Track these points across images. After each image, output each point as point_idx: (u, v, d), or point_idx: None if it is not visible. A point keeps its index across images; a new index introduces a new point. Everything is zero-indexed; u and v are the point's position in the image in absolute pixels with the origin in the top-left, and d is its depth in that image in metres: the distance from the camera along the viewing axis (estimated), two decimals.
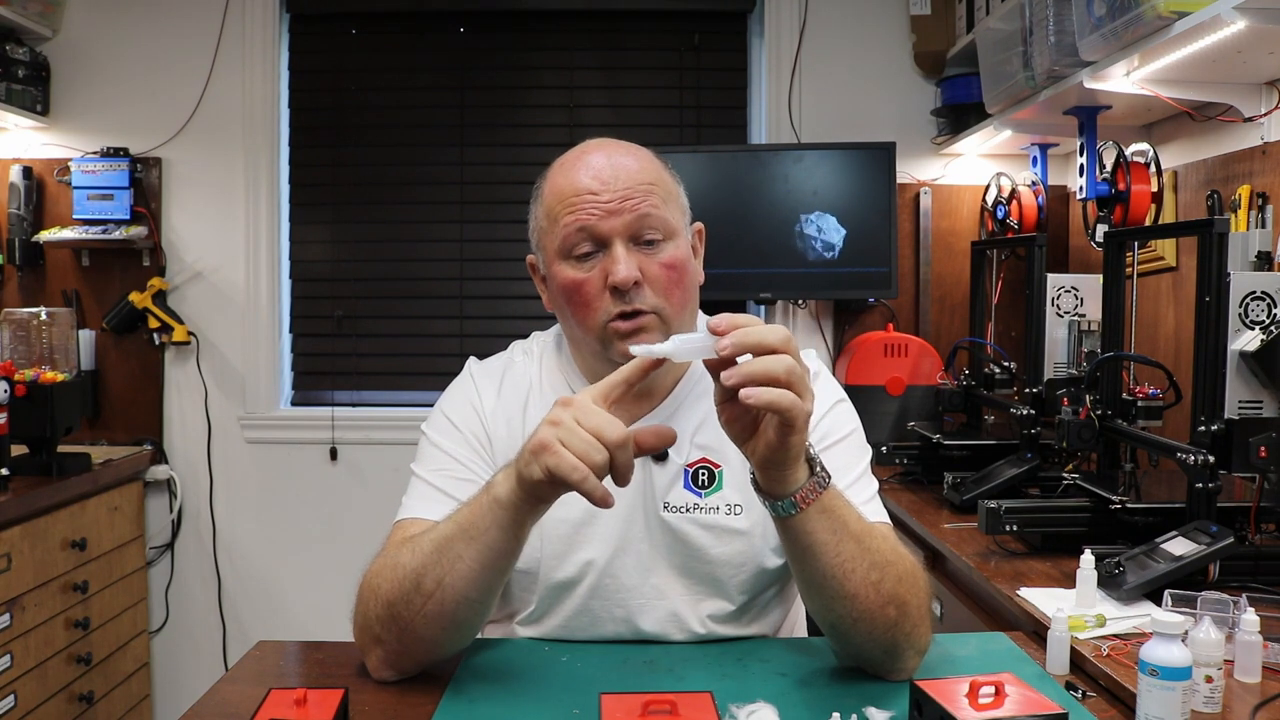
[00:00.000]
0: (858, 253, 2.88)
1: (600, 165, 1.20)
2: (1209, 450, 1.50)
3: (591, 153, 1.23)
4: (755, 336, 0.94)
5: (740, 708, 1.01)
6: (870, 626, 1.07)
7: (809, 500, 1.01)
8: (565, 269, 1.20)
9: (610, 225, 1.18)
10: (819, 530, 1.03)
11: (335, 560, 3.04)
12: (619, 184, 1.18)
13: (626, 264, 1.17)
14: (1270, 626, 1.21)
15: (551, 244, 1.21)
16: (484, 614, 1.13)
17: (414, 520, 1.20)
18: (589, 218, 1.18)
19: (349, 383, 3.15)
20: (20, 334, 2.68)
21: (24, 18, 2.86)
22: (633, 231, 1.18)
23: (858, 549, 1.05)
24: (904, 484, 2.41)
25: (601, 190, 1.18)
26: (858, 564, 1.05)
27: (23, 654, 2.31)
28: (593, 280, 1.19)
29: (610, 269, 1.17)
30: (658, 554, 1.24)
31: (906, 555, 1.12)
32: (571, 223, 1.18)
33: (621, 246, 1.18)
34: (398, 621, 1.09)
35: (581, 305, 1.20)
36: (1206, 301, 1.54)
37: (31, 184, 2.99)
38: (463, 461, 1.25)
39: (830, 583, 1.05)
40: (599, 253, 1.19)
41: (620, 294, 1.17)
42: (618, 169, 1.20)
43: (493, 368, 1.34)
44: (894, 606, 1.07)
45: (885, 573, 1.06)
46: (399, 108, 3.14)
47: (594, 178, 1.19)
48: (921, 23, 3.01)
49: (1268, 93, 1.97)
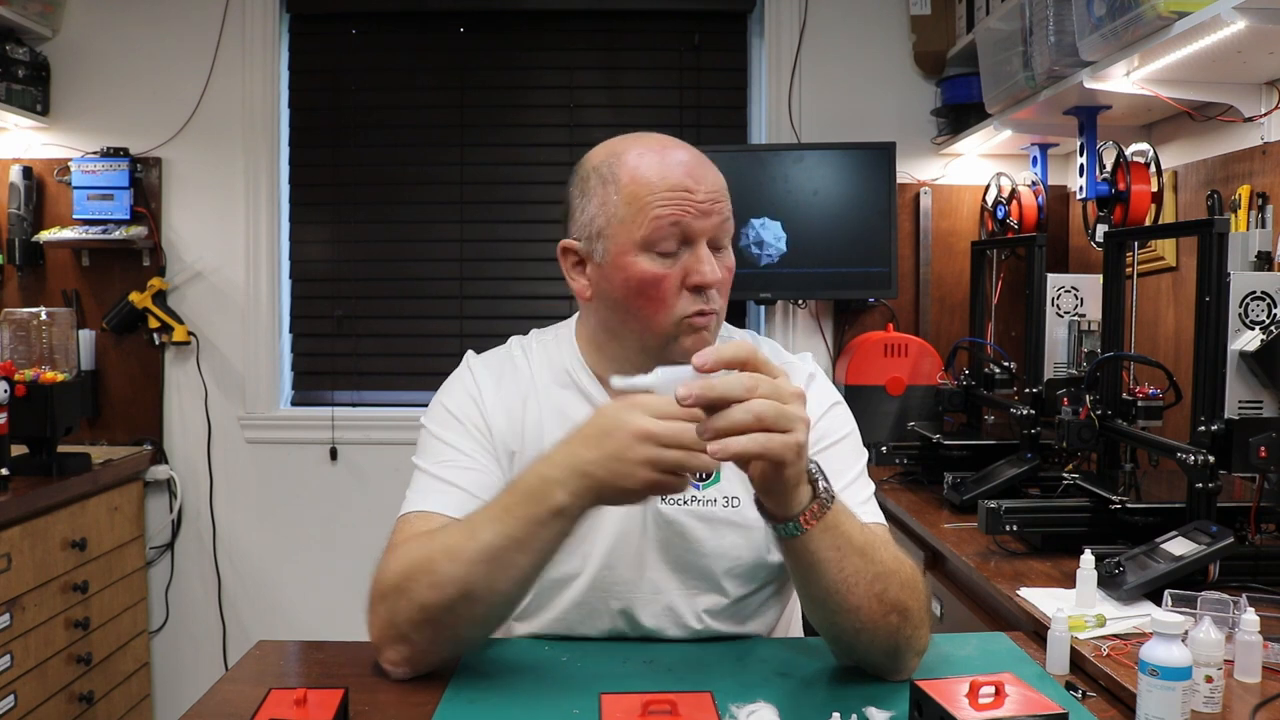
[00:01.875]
0: (858, 253, 2.88)
1: (691, 164, 1.19)
2: (1209, 450, 1.50)
3: (673, 148, 1.21)
4: (717, 392, 0.94)
5: (740, 708, 1.01)
6: (873, 635, 1.07)
7: (813, 521, 1.01)
8: (644, 262, 1.18)
9: (702, 225, 1.17)
10: (823, 548, 1.03)
11: (335, 560, 3.05)
12: (708, 185, 1.18)
13: (713, 267, 1.17)
14: (1270, 626, 1.21)
15: (631, 233, 1.18)
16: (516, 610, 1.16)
17: (420, 514, 1.19)
18: (685, 214, 1.16)
19: (349, 383, 3.15)
20: (20, 334, 2.68)
21: (24, 18, 2.85)
22: (716, 235, 1.19)
23: (862, 562, 1.05)
24: (904, 484, 2.40)
25: (696, 189, 1.17)
26: (861, 576, 1.05)
27: (23, 654, 2.31)
28: (672, 277, 1.18)
29: (696, 269, 1.17)
30: (654, 548, 1.24)
31: (906, 560, 1.12)
32: (665, 216, 1.16)
33: (706, 247, 1.18)
34: (436, 626, 1.09)
35: (656, 300, 1.18)
36: (1206, 301, 1.54)
37: (31, 184, 2.98)
38: (465, 452, 1.24)
39: (834, 597, 1.05)
40: (680, 252, 1.18)
41: (701, 294, 1.18)
42: (705, 170, 1.20)
43: (491, 361, 1.33)
44: (897, 614, 1.07)
45: (889, 582, 1.06)
46: (399, 108, 3.14)
47: (688, 174, 1.18)
48: (921, 23, 3.01)
49: (1268, 93, 1.97)
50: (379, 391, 3.16)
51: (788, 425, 0.94)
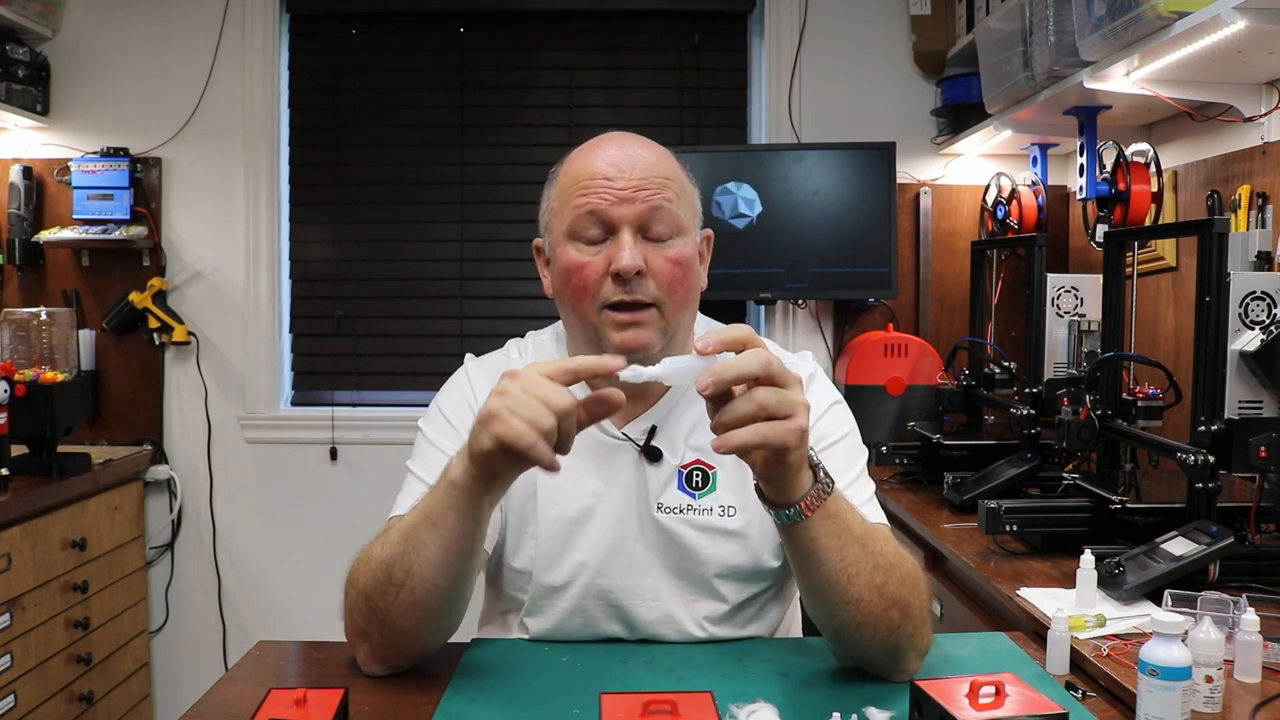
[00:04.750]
0: (858, 253, 2.88)
1: (618, 154, 1.21)
2: (1209, 450, 1.50)
3: (611, 142, 1.23)
4: (734, 371, 0.94)
5: (740, 708, 1.01)
6: (874, 630, 1.07)
7: (814, 507, 1.01)
8: (569, 250, 1.20)
9: (621, 212, 1.18)
10: (823, 536, 1.03)
11: (335, 560, 3.00)
12: (635, 173, 1.19)
13: (631, 252, 1.16)
14: (1270, 626, 1.21)
15: (560, 225, 1.21)
16: (458, 602, 1.12)
17: (402, 518, 1.20)
18: (601, 202, 1.18)
19: (349, 383, 3.15)
20: (20, 334, 2.68)
21: (24, 18, 2.85)
22: (643, 222, 1.19)
23: (861, 553, 1.05)
24: (904, 484, 2.40)
25: (617, 177, 1.18)
26: (862, 567, 1.05)
27: (23, 654, 2.31)
28: (595, 265, 1.18)
29: (614, 255, 1.17)
30: (651, 555, 1.24)
31: (908, 557, 1.12)
32: (583, 205, 1.18)
33: (629, 234, 1.18)
34: (376, 614, 1.10)
35: (579, 288, 1.19)
36: (1206, 301, 1.54)
37: (31, 184, 2.98)
38: None
39: (834, 588, 1.05)
40: (606, 240, 1.19)
41: (622, 281, 1.17)
42: (635, 159, 1.20)
43: (489, 365, 1.34)
44: (897, 609, 1.06)
45: (889, 575, 1.06)
46: (399, 108, 3.14)
47: (610, 164, 1.19)
48: (921, 23, 3.01)
49: (1268, 93, 1.97)
50: (379, 392, 3.16)
51: (789, 410, 0.94)
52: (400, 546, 1.07)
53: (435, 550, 1.06)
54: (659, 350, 1.20)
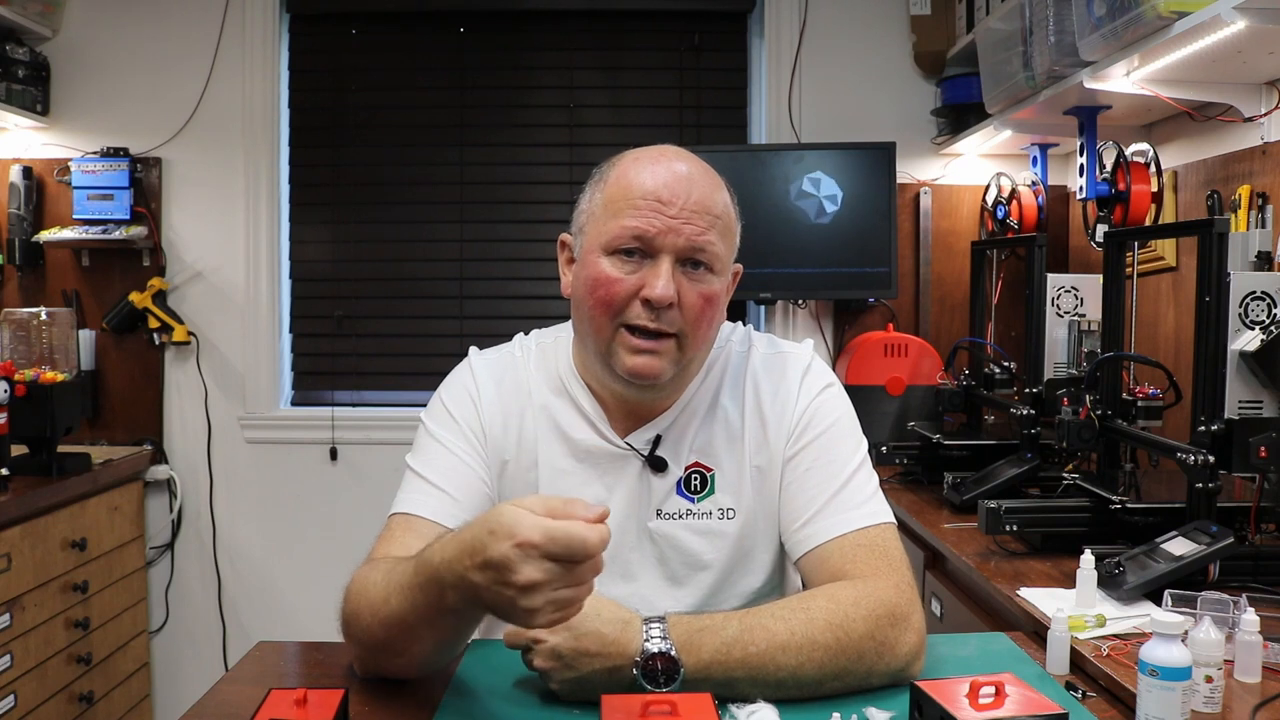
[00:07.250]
0: (857, 253, 2.88)
1: (673, 176, 1.16)
2: (1209, 450, 1.50)
3: (668, 158, 1.19)
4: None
5: (740, 708, 1.01)
6: (844, 684, 1.06)
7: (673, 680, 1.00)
8: (603, 263, 1.16)
9: (666, 241, 1.14)
10: (723, 683, 1.02)
11: (335, 560, 3.04)
12: (688, 202, 1.15)
13: (667, 283, 1.13)
14: (1270, 626, 1.21)
15: (598, 234, 1.17)
16: (456, 650, 1.14)
17: (404, 517, 1.20)
18: (649, 228, 1.14)
19: (349, 383, 3.15)
20: (20, 334, 2.68)
21: (24, 18, 2.85)
22: (685, 255, 1.15)
23: (779, 667, 1.03)
24: (904, 484, 2.40)
25: (670, 202, 1.14)
26: (784, 673, 1.03)
27: (23, 654, 2.31)
28: (626, 284, 1.15)
29: (650, 281, 1.13)
30: (646, 562, 1.24)
31: (865, 596, 1.08)
32: (630, 225, 1.14)
33: (669, 264, 1.14)
34: (375, 663, 1.11)
35: (604, 301, 1.15)
36: (1206, 301, 1.54)
37: (31, 184, 2.98)
38: (459, 455, 1.23)
39: (780, 691, 1.04)
40: (644, 260, 1.15)
41: (651, 308, 1.14)
42: (691, 186, 1.16)
43: (494, 361, 1.32)
44: (849, 674, 1.06)
45: (814, 659, 1.04)
46: (399, 108, 3.14)
47: (665, 185, 1.15)
48: (921, 23, 3.01)
49: (1268, 93, 1.97)
50: (379, 391, 3.16)
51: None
52: (396, 630, 1.03)
53: (436, 642, 1.06)
54: (669, 380, 1.19)
